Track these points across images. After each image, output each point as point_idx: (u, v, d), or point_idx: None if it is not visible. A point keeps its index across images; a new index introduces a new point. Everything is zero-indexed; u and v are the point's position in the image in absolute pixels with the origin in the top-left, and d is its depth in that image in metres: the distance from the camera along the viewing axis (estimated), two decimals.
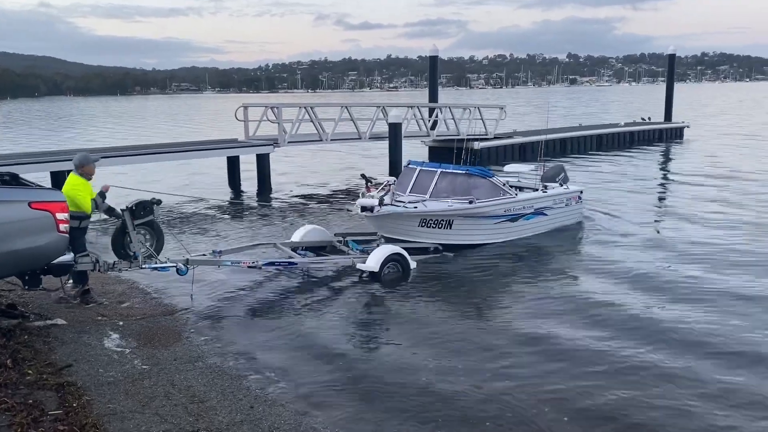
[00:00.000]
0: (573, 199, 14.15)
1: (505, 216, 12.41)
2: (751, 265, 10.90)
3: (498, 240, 12.42)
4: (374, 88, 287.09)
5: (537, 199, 13.16)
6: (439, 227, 11.62)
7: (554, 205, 13.53)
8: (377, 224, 11.42)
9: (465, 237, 11.99)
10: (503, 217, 12.38)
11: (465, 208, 11.68)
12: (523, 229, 12.86)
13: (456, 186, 11.91)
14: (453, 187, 11.88)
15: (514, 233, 12.67)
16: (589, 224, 14.33)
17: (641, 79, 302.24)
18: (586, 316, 8.53)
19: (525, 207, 12.80)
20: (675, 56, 37.85)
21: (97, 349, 7.22)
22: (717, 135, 37.19)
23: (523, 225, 12.83)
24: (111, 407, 5.85)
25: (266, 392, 6.34)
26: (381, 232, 11.65)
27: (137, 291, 9.50)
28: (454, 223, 11.73)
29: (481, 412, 6.00)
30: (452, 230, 11.76)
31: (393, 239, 11.32)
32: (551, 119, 49.82)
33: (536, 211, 13.08)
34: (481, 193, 12.00)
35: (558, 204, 13.64)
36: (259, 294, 9.56)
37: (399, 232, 11.44)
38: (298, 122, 20.74)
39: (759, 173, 21.52)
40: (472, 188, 11.93)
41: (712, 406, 6.11)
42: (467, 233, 11.99)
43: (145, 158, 18.75)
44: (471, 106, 26.40)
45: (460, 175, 12.05)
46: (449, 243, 11.83)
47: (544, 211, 13.29)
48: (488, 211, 12.07)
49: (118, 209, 8.56)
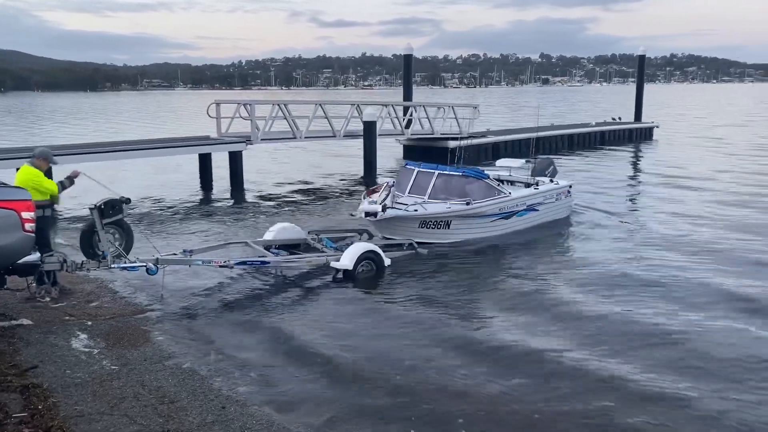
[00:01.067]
0: (563, 193, 14.72)
1: (500, 214, 12.99)
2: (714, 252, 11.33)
3: (493, 236, 12.89)
4: (349, 86, 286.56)
5: (529, 197, 13.74)
6: (438, 227, 12.24)
7: (545, 200, 14.09)
8: (380, 226, 12.07)
9: (462, 235, 12.54)
10: (498, 215, 12.95)
11: (463, 209, 12.25)
12: (516, 225, 13.42)
13: (453, 187, 12.54)
14: (450, 189, 12.52)
15: (508, 229, 13.23)
16: (576, 218, 14.88)
17: (612, 80, 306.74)
18: (559, 311, 8.62)
19: (518, 204, 13.37)
20: (645, 57, 38.40)
21: (64, 350, 7.07)
22: (685, 135, 37.90)
23: (517, 221, 13.41)
24: (78, 409, 5.73)
25: (238, 392, 6.27)
26: (384, 233, 12.25)
27: (106, 290, 9.33)
28: (452, 223, 12.32)
29: (455, 409, 6.01)
30: (450, 230, 12.38)
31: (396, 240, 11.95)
32: (521, 119, 50.45)
33: (528, 208, 13.65)
34: (477, 193, 12.58)
35: (549, 199, 14.20)
36: (231, 293, 9.46)
37: (401, 233, 12.08)
38: (272, 119, 20.59)
39: (725, 171, 21.98)
40: (468, 189, 12.53)
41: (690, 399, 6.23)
42: (464, 232, 12.57)
43: (115, 155, 18.41)
44: (445, 105, 26.49)
45: (457, 177, 12.68)
46: (448, 241, 12.35)
47: (536, 207, 13.85)
48: (484, 210, 12.62)
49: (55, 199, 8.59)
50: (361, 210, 11.75)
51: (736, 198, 17.32)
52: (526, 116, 52.99)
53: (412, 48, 27.95)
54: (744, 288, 9.73)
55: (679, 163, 24.79)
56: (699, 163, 24.71)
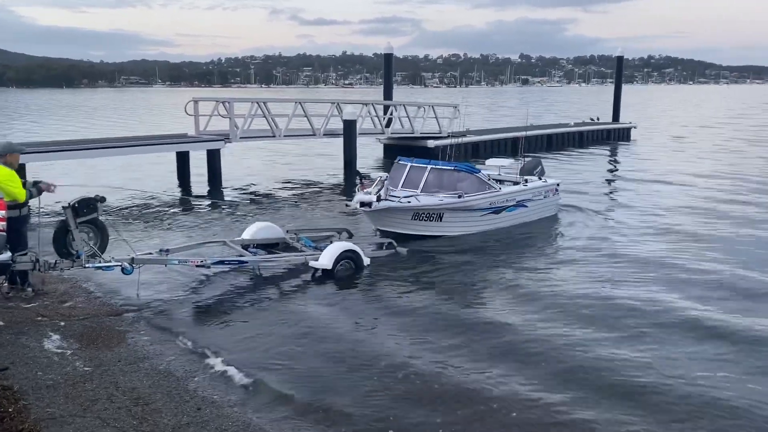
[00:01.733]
0: (551, 191, 15.05)
1: (490, 208, 13.33)
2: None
3: (483, 230, 13.19)
4: (329, 85, 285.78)
5: (518, 192, 14.05)
6: (430, 220, 12.54)
7: (534, 197, 14.43)
8: (374, 218, 12.37)
9: (453, 228, 12.82)
10: (488, 209, 13.29)
11: (454, 202, 12.53)
12: (506, 220, 13.73)
13: (445, 181, 12.78)
14: (442, 183, 12.76)
15: (497, 224, 13.55)
16: (563, 215, 15.26)
17: (591, 81, 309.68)
18: (538, 312, 8.65)
19: (508, 200, 13.70)
20: (623, 58, 38.79)
21: (36, 351, 6.94)
22: (663, 136, 38.38)
23: (506, 216, 13.72)
24: (50, 411, 5.63)
25: (214, 394, 6.20)
26: (377, 225, 12.66)
27: (80, 290, 9.18)
28: (444, 216, 12.62)
29: (433, 409, 6.00)
30: (442, 222, 12.68)
31: (387, 232, 12.34)
32: (500, 119, 50.68)
33: (518, 204, 13.96)
34: (468, 187, 12.85)
35: (537, 196, 14.53)
36: (207, 294, 9.35)
37: (393, 225, 12.38)
38: (251, 117, 20.45)
39: (703, 170, 22.32)
40: (460, 183, 12.80)
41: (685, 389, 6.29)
42: (455, 225, 12.85)
43: (90, 153, 18.15)
44: (425, 104, 26.53)
45: (449, 171, 12.93)
46: (439, 234, 12.67)
47: (525, 203, 14.17)
48: (475, 204, 12.94)
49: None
50: (357, 200, 11.94)
51: (713, 194, 17.71)
52: (504, 116, 53.23)
53: (392, 47, 27.96)
54: (721, 271, 10.48)
55: (655, 163, 25.11)
56: (674, 163, 25.03)
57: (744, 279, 10.12)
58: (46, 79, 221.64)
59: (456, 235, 12.81)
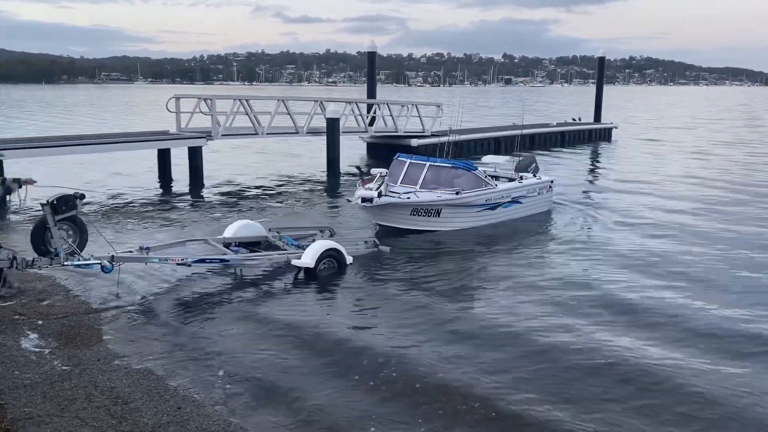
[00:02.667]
0: (545, 188, 15.48)
1: (487, 204, 13.74)
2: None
3: (479, 225, 13.59)
4: (313, 83, 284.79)
5: (514, 189, 14.48)
6: (428, 215, 12.92)
7: (528, 194, 14.84)
8: (374, 213, 12.72)
9: (451, 223, 13.21)
10: (485, 205, 13.70)
11: (452, 198, 12.95)
12: (501, 216, 14.13)
13: (443, 178, 13.19)
14: (440, 179, 13.17)
15: (493, 219, 13.96)
16: (556, 211, 15.70)
17: (573, 81, 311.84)
18: (518, 308, 8.71)
19: (503, 196, 14.12)
20: (605, 59, 39.12)
21: (13, 350, 6.86)
22: (643, 137, 38.78)
23: (502, 212, 14.14)
24: (27, 411, 5.56)
25: (194, 392, 6.16)
26: (377, 220, 13.07)
27: (59, 288, 9.07)
28: (442, 212, 13.00)
29: (415, 409, 6.01)
30: (440, 218, 13.06)
31: (387, 226, 12.86)
32: (480, 119, 50.82)
33: (513, 200, 14.38)
34: (465, 184, 13.24)
35: (531, 193, 14.95)
36: (188, 292, 9.27)
37: (393, 220, 12.83)
38: (233, 115, 20.33)
39: (683, 170, 22.61)
40: (457, 180, 13.21)
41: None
42: (453, 220, 13.24)
43: (70, 150, 17.88)
44: (409, 103, 26.54)
45: (447, 168, 13.36)
46: (437, 229, 13.05)
47: (520, 200, 14.58)
48: (472, 200, 13.35)
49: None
50: (358, 196, 12.28)
51: (692, 192, 17.90)
52: (485, 117, 53.45)
53: (376, 46, 27.93)
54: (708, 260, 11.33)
55: (635, 163, 25.38)
56: (656, 163, 25.31)
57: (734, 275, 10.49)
58: (26, 75, 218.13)
59: (453, 230, 13.12)
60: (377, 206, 12.26)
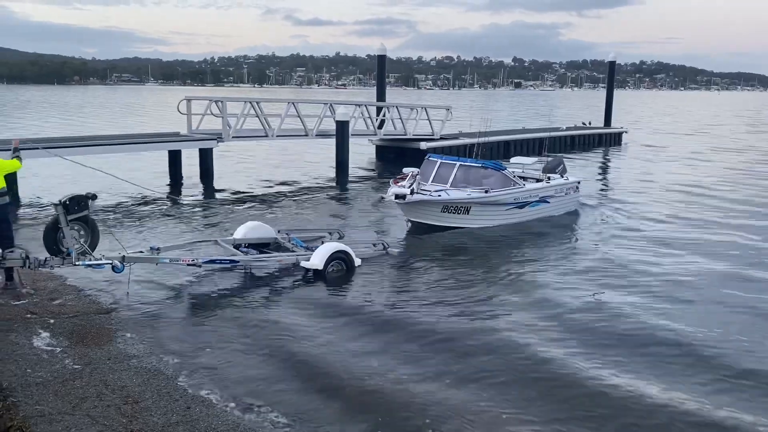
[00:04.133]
0: (572, 189, 15.91)
1: (515, 203, 14.18)
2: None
3: (508, 223, 14.03)
4: (322, 85, 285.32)
5: (541, 189, 14.91)
6: (458, 213, 13.38)
7: (556, 194, 15.28)
8: (407, 210, 13.21)
9: (480, 221, 13.66)
10: (513, 204, 14.14)
11: (481, 196, 13.40)
12: (529, 215, 14.56)
13: (473, 177, 13.68)
14: (470, 178, 13.66)
15: (521, 218, 14.39)
16: (584, 211, 16.14)
17: (583, 85, 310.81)
18: (529, 317, 8.70)
19: (531, 195, 14.57)
20: (615, 63, 38.97)
21: (26, 348, 6.92)
22: (655, 142, 38.59)
23: (529, 211, 14.57)
24: (38, 409, 5.61)
25: (204, 392, 6.20)
26: (409, 216, 13.53)
27: (70, 288, 9.14)
28: (471, 209, 13.46)
29: (422, 412, 6.02)
30: (470, 215, 13.51)
31: (419, 222, 13.37)
32: (493, 122, 50.71)
33: (541, 199, 14.83)
34: (494, 183, 13.75)
35: (559, 193, 15.39)
36: (198, 292, 9.34)
37: (424, 216, 13.29)
38: (243, 117, 20.43)
39: (700, 175, 22.49)
40: (486, 179, 13.68)
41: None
42: (482, 218, 13.68)
43: (82, 150, 17.94)
44: (418, 106, 26.56)
45: (477, 168, 13.84)
46: (467, 226, 13.49)
47: (547, 199, 15.03)
48: (501, 199, 13.79)
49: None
50: (391, 193, 12.77)
51: (717, 200, 17.74)
52: (494, 122, 53.36)
53: (385, 49, 27.98)
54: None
55: (648, 166, 25.25)
56: (667, 166, 25.18)
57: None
58: (38, 76, 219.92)
59: (482, 227, 13.58)
60: (409, 203, 12.72)
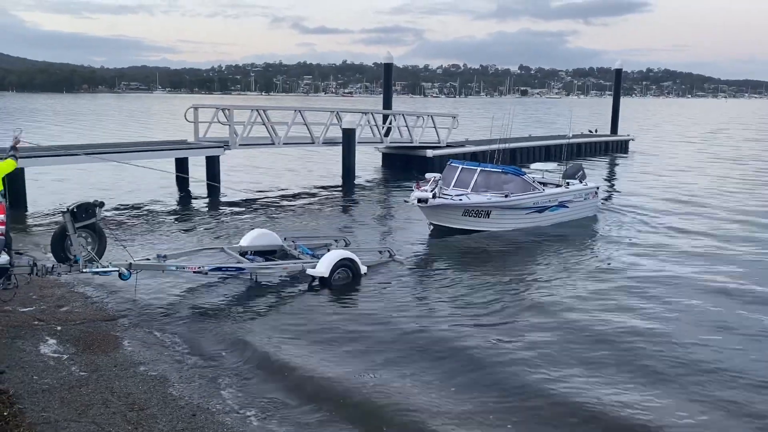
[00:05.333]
0: (591, 194, 16.23)
1: (534, 207, 14.53)
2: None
3: (527, 227, 14.34)
4: (329, 93, 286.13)
5: (560, 194, 15.25)
6: (479, 216, 13.78)
7: (575, 199, 15.60)
8: (428, 213, 13.70)
9: (500, 224, 14.04)
10: (532, 208, 14.49)
11: (501, 200, 13.84)
12: (548, 219, 14.89)
13: (493, 182, 14.12)
14: (490, 183, 14.10)
15: (540, 222, 14.71)
16: (603, 216, 16.40)
17: (589, 93, 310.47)
18: (529, 325, 8.67)
19: (550, 200, 14.91)
20: (621, 71, 38.93)
21: (32, 355, 6.95)
22: (663, 149, 38.48)
23: (549, 215, 14.91)
24: (45, 416, 5.64)
25: (209, 400, 6.21)
26: (431, 219, 13.99)
27: (77, 295, 9.19)
28: (491, 213, 13.85)
29: (426, 421, 6.00)
30: (490, 219, 13.90)
31: (441, 226, 13.79)
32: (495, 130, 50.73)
33: (560, 204, 15.14)
34: (514, 188, 14.16)
35: (578, 198, 15.71)
36: (204, 300, 9.35)
37: (446, 219, 13.75)
38: (250, 125, 20.51)
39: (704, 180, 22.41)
40: (506, 184, 14.10)
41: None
42: (502, 221, 14.06)
43: (89, 158, 18.10)
44: (424, 114, 26.60)
45: (497, 173, 14.27)
46: (487, 229, 13.88)
47: (566, 204, 15.32)
48: (520, 203, 14.19)
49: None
50: (414, 197, 13.29)
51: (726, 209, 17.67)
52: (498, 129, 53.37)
53: (392, 57, 28.08)
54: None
55: (656, 175, 25.18)
56: (675, 174, 25.10)
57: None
58: (47, 84, 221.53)
59: (502, 230, 13.95)
60: (431, 207, 13.18)
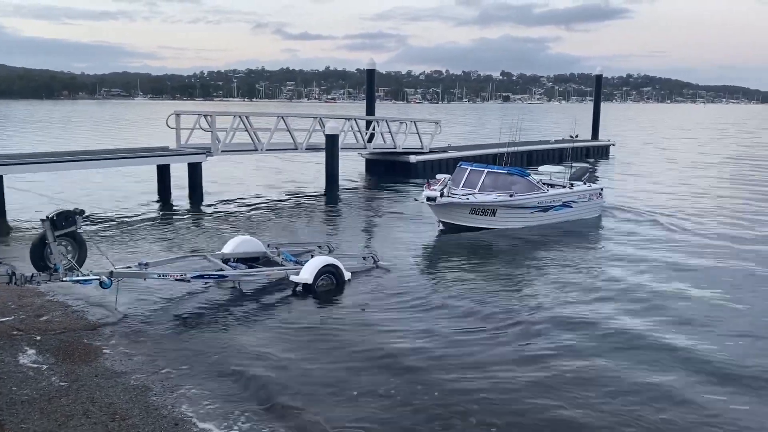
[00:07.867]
0: (594, 195, 16.83)
1: (538, 207, 15.22)
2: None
3: (532, 225, 15.04)
4: (312, 99, 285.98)
5: (565, 194, 15.92)
6: (485, 215, 14.56)
7: (579, 199, 16.24)
8: (438, 211, 14.41)
9: (506, 223, 14.78)
10: (537, 207, 15.19)
11: (506, 200, 14.59)
12: (553, 218, 15.56)
13: (500, 183, 14.91)
14: (497, 184, 14.88)
15: (545, 221, 15.39)
16: (606, 216, 16.96)
17: (570, 98, 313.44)
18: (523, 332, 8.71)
19: (554, 200, 15.56)
20: (602, 77, 39.40)
21: (11, 366, 6.85)
22: (643, 154, 38.90)
23: (553, 214, 15.58)
24: (24, 427, 5.55)
25: (191, 409, 6.14)
26: (440, 217, 14.67)
27: (57, 304, 9.07)
28: (497, 212, 14.60)
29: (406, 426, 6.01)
30: (496, 217, 14.66)
31: (449, 223, 14.49)
32: (484, 135, 51.08)
33: (564, 204, 15.76)
34: (519, 188, 14.92)
35: (582, 198, 16.35)
36: (187, 308, 9.27)
37: (454, 218, 14.49)
38: (233, 131, 20.43)
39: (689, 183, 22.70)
40: (512, 184, 14.86)
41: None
42: (507, 220, 14.78)
43: (69, 165, 17.93)
44: (407, 119, 26.69)
45: (503, 174, 15.11)
46: (494, 227, 14.63)
47: (570, 204, 15.93)
48: (525, 202, 14.90)
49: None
50: (424, 196, 14.07)
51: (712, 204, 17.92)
52: (480, 135, 53.72)
53: (375, 63, 28.17)
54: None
55: (636, 179, 25.46)
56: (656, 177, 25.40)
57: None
58: (26, 90, 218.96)
59: (508, 228, 14.65)
60: (440, 205, 13.96)
